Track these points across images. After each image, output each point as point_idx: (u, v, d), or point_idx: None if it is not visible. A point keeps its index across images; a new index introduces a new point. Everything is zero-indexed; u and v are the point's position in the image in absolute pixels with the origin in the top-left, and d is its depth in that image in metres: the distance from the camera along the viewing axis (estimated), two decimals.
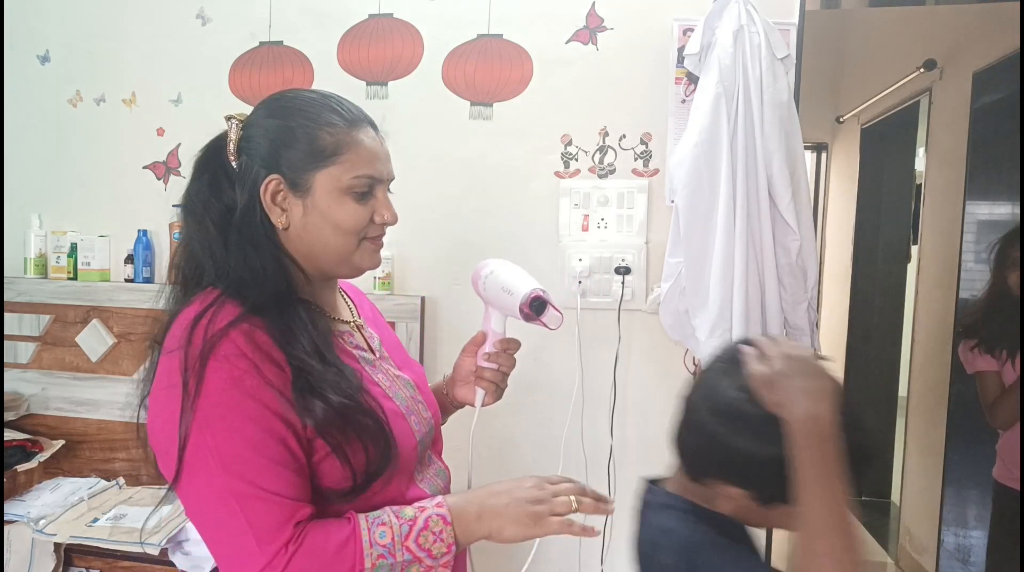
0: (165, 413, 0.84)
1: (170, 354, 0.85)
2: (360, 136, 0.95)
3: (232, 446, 0.81)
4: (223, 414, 0.82)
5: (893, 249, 4.11)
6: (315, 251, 0.96)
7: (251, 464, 0.81)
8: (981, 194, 2.80)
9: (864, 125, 4.05)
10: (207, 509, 0.84)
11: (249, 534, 0.80)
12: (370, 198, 0.96)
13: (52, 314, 2.17)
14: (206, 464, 0.82)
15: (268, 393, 0.83)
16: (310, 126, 0.93)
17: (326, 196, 0.93)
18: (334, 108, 0.96)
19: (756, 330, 1.68)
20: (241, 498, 0.81)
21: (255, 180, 0.93)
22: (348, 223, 0.94)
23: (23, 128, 2.28)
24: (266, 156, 0.93)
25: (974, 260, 2.82)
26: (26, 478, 2.02)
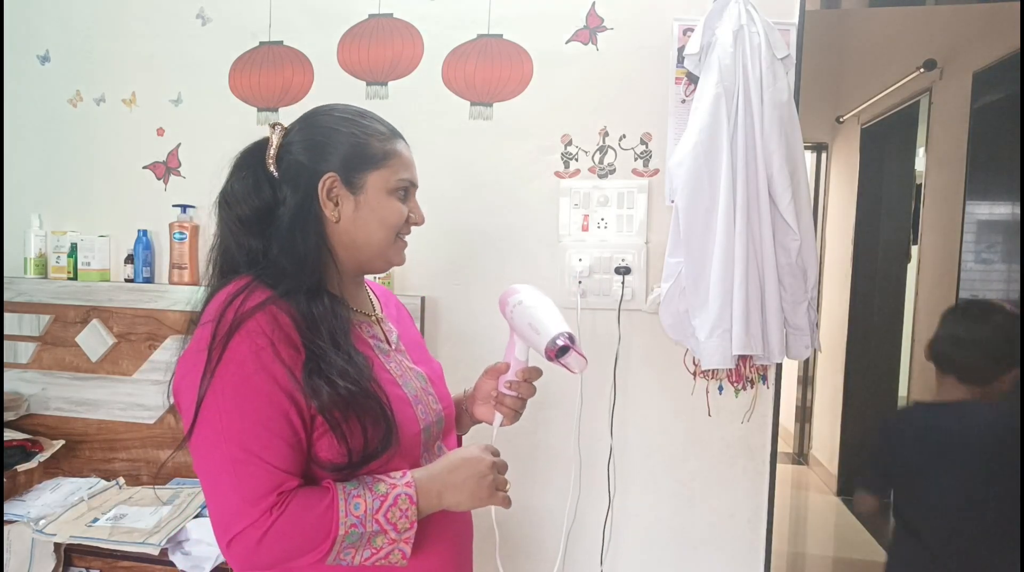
0: (190, 375, 0.95)
1: (204, 326, 0.96)
2: (401, 146, 1.12)
3: (238, 413, 0.91)
4: (236, 384, 0.92)
5: (893, 249, 4.12)
6: (359, 243, 1.08)
7: (251, 432, 0.91)
8: (981, 194, 2.80)
9: (864, 125, 4.05)
10: (208, 466, 0.93)
11: (238, 495, 0.90)
12: (407, 200, 1.12)
13: (52, 314, 2.17)
14: (214, 425, 0.92)
15: (280, 369, 0.93)
16: (361, 134, 1.08)
17: (377, 194, 1.08)
18: (377, 119, 1.12)
19: (756, 330, 1.68)
20: (237, 462, 0.91)
21: (311, 177, 1.05)
22: (392, 219, 1.09)
23: (23, 128, 2.28)
24: (320, 158, 1.06)
25: (974, 260, 2.82)
26: (26, 478, 2.02)
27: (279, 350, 0.93)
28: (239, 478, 0.90)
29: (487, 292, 1.98)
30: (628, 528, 1.96)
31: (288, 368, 0.93)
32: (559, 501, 1.96)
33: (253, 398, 0.92)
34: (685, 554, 1.94)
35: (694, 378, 1.89)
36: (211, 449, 0.92)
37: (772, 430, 1.89)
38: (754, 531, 1.91)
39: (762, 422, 1.89)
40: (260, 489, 0.91)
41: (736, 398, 1.89)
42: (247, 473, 0.90)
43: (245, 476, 0.90)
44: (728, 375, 1.86)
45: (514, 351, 1.18)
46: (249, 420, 0.91)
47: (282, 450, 0.92)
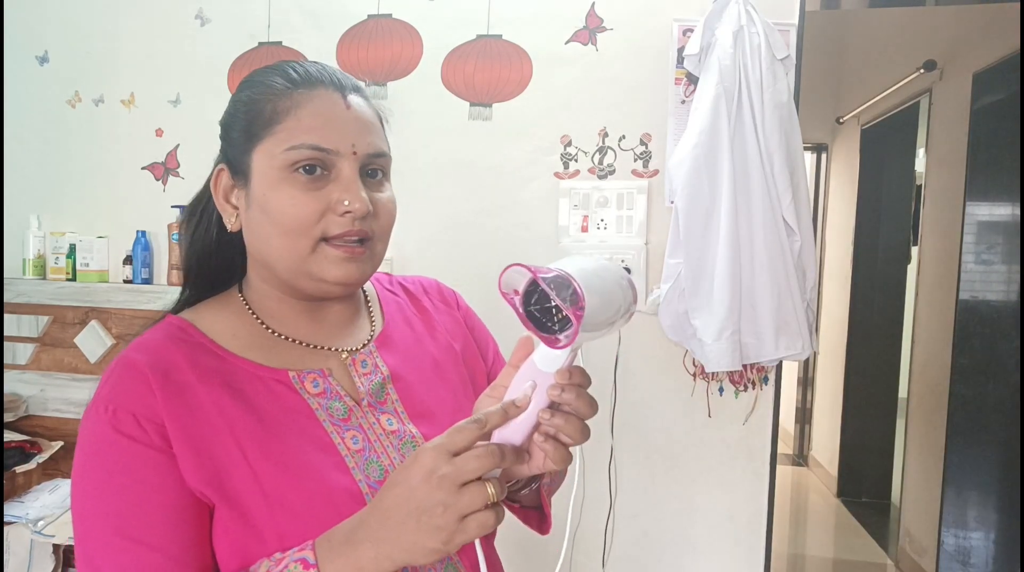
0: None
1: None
2: (306, 97, 0.72)
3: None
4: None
5: (893, 250, 4.12)
6: (261, 254, 0.75)
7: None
8: (981, 195, 2.79)
9: (864, 126, 4.05)
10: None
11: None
12: (324, 181, 0.71)
13: (51, 315, 2.17)
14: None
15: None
16: (251, 96, 0.75)
17: (261, 180, 0.72)
18: (283, 70, 0.75)
19: (757, 331, 1.68)
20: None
21: (210, 175, 0.79)
22: (285, 214, 0.70)
23: (22, 129, 2.27)
24: (221, 145, 0.79)
25: (974, 261, 2.81)
26: (25, 479, 2.02)
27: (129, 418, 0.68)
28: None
29: (486, 293, 1.97)
30: (628, 529, 1.95)
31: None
32: (561, 502, 1.96)
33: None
34: (685, 555, 1.94)
35: (694, 379, 1.89)
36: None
37: (772, 431, 1.88)
38: (754, 532, 1.90)
39: (762, 423, 1.88)
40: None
41: (736, 399, 1.89)
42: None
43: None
44: (729, 376, 1.86)
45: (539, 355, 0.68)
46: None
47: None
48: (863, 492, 4.23)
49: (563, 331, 0.61)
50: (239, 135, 0.75)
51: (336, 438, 0.73)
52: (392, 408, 0.78)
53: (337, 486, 0.70)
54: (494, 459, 0.59)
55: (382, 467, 0.74)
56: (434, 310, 0.91)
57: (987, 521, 2.80)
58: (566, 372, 0.63)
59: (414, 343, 0.85)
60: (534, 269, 0.61)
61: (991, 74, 2.74)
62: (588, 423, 0.64)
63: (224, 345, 0.74)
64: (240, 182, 0.75)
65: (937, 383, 3.07)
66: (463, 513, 0.58)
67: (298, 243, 0.71)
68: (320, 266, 0.72)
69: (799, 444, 5.02)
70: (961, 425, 2.86)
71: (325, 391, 0.75)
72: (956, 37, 3.06)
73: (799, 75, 1.81)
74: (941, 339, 3.04)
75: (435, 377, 0.84)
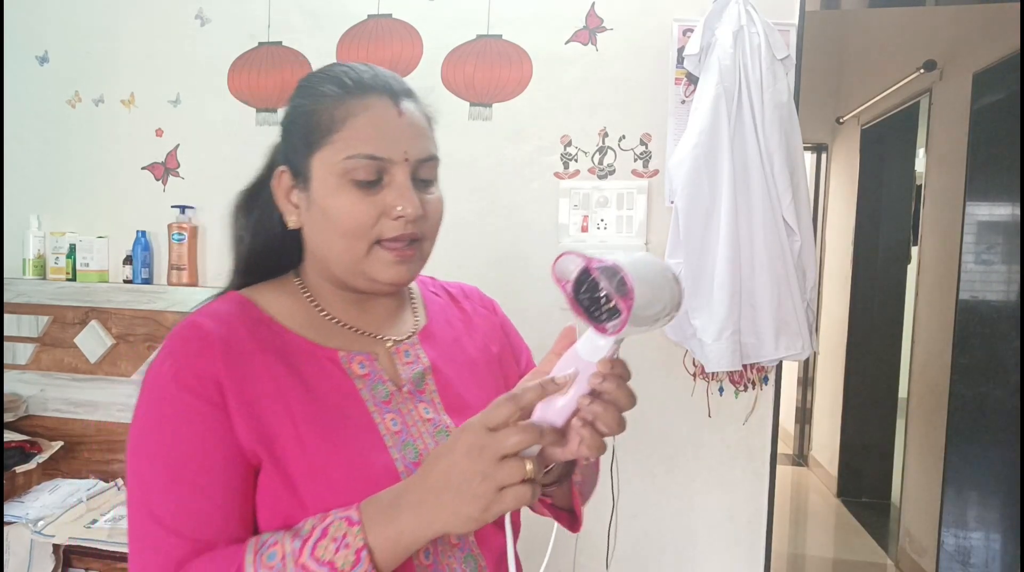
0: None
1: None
2: (360, 106, 0.76)
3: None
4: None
5: (893, 250, 4.12)
6: (321, 254, 0.80)
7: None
8: (981, 195, 2.79)
9: (864, 126, 4.05)
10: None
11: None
12: (379, 186, 0.76)
13: (51, 315, 2.17)
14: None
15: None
16: (310, 103, 0.78)
17: (322, 186, 0.76)
18: (336, 76, 0.79)
19: (757, 331, 1.68)
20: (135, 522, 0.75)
21: (270, 176, 0.83)
22: (345, 220, 0.75)
23: (22, 129, 2.27)
24: (279, 147, 0.83)
25: (974, 261, 2.81)
26: (25, 479, 2.02)
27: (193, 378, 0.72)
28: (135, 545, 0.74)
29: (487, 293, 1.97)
30: (628, 529, 1.95)
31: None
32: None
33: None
34: (685, 555, 1.94)
35: (694, 379, 1.89)
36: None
37: (772, 431, 1.88)
38: (754, 532, 1.90)
39: (762, 423, 1.88)
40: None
41: (736, 399, 1.89)
42: (146, 537, 0.73)
43: (143, 541, 0.74)
44: (729, 376, 1.86)
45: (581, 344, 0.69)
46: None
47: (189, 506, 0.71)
48: (863, 492, 4.23)
49: (611, 321, 0.63)
50: (299, 142, 0.79)
51: (377, 418, 0.78)
52: (430, 398, 0.83)
53: (376, 462, 0.74)
54: (532, 435, 0.62)
55: (417, 450, 0.78)
56: (474, 313, 0.97)
57: (987, 521, 2.80)
58: (608, 362, 0.66)
59: (453, 341, 0.90)
60: (587, 258, 0.63)
61: (991, 74, 2.74)
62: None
63: (282, 322, 0.80)
64: (300, 184, 0.79)
65: (937, 383, 3.07)
66: (501, 484, 0.61)
67: (355, 245, 0.76)
68: (374, 268, 0.77)
69: (799, 444, 5.02)
70: (961, 425, 2.86)
71: (370, 373, 0.80)
72: (956, 37, 3.06)
73: (799, 75, 1.81)
74: (941, 339, 3.04)
75: (471, 375, 0.88)
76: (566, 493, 0.85)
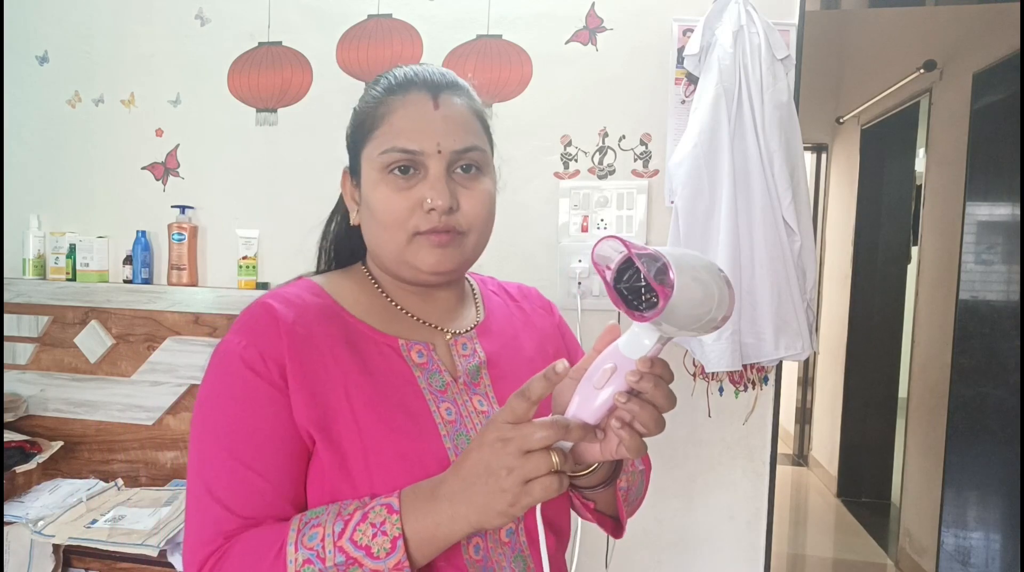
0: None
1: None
2: (399, 102, 0.80)
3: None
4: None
5: (893, 250, 4.12)
6: (374, 249, 0.84)
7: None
8: (981, 195, 2.80)
9: (864, 126, 4.05)
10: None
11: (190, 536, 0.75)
12: (415, 180, 0.79)
13: (51, 315, 2.17)
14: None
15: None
16: (359, 107, 0.85)
17: (367, 181, 0.81)
18: (385, 78, 0.85)
19: (757, 331, 1.68)
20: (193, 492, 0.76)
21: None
22: (384, 213, 0.79)
23: (22, 129, 2.27)
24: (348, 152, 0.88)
25: (974, 261, 2.81)
26: (24, 479, 2.02)
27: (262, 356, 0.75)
28: (192, 512, 0.75)
29: None
30: (628, 529, 1.95)
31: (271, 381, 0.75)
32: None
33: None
34: (685, 555, 1.94)
35: (694, 379, 1.89)
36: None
37: (772, 431, 1.88)
38: (754, 532, 1.90)
39: (762, 423, 1.88)
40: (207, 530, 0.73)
41: (736, 399, 1.89)
42: (200, 508, 0.74)
43: (197, 511, 0.74)
44: (729, 376, 1.86)
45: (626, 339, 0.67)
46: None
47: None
48: (863, 492, 4.23)
49: (650, 309, 0.61)
50: (351, 142, 0.85)
51: (432, 406, 0.79)
52: (484, 391, 0.85)
53: (428, 448, 0.76)
54: (556, 431, 0.63)
55: (470, 440, 0.78)
56: (532, 313, 0.99)
57: (987, 521, 2.80)
58: (648, 361, 0.65)
59: (511, 338, 0.92)
60: (629, 244, 0.62)
61: (991, 74, 2.74)
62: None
63: (347, 308, 0.82)
64: (356, 182, 0.84)
65: (937, 383, 3.07)
66: (527, 477, 0.62)
67: (396, 236, 0.79)
68: (415, 255, 0.79)
69: (799, 444, 5.02)
70: (961, 425, 2.86)
71: (428, 362, 0.82)
72: (956, 37, 3.06)
73: (799, 75, 1.81)
74: (941, 339, 3.04)
75: (527, 371, 0.86)
76: (611, 498, 0.85)
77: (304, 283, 0.84)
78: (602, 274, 0.64)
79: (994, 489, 2.74)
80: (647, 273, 0.60)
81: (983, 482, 2.80)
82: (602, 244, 0.63)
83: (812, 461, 4.82)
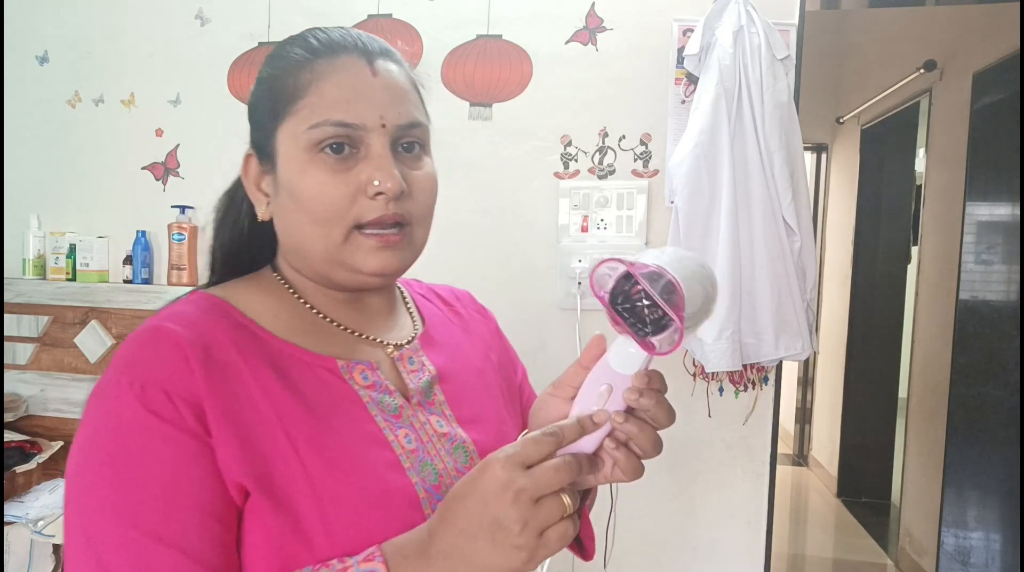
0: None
1: None
2: (328, 67, 0.66)
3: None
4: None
5: (893, 250, 4.12)
6: (298, 249, 0.68)
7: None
8: (981, 195, 2.79)
9: (864, 126, 4.05)
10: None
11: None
12: (353, 160, 0.65)
13: (51, 315, 2.17)
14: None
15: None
16: (272, 72, 0.68)
17: (288, 163, 0.65)
18: (304, 39, 0.70)
19: (756, 331, 1.68)
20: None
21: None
22: (315, 202, 0.64)
23: (22, 129, 2.27)
24: (250, 130, 0.71)
25: (974, 261, 2.81)
26: (25, 479, 2.02)
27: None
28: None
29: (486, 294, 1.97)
30: (627, 530, 1.95)
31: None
32: None
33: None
34: (685, 556, 1.94)
35: (694, 379, 1.89)
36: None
37: (772, 431, 1.88)
38: (754, 532, 1.90)
39: (762, 423, 1.88)
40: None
41: (736, 399, 1.89)
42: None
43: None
44: (729, 376, 1.86)
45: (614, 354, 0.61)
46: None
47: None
48: (863, 492, 4.23)
49: (657, 333, 0.55)
50: (262, 116, 0.68)
51: (390, 435, 0.66)
52: (439, 410, 0.73)
53: (393, 486, 0.63)
54: (572, 472, 0.54)
55: (436, 471, 0.68)
56: (470, 319, 0.88)
57: (987, 521, 2.80)
58: (644, 375, 0.57)
59: (456, 348, 0.80)
60: (629, 263, 0.54)
61: (991, 74, 2.74)
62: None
63: (266, 326, 0.67)
64: (268, 167, 0.68)
65: (937, 383, 3.07)
66: (542, 528, 0.53)
67: (331, 232, 0.64)
68: (355, 256, 0.65)
69: (799, 444, 5.02)
70: (961, 425, 2.86)
71: (375, 384, 0.68)
72: (956, 37, 3.06)
73: (799, 75, 1.81)
74: (941, 339, 3.04)
75: (479, 383, 0.79)
76: (580, 523, 0.75)
77: (201, 298, 0.67)
78: (604, 302, 0.57)
79: (994, 489, 2.74)
80: (657, 296, 0.53)
81: (983, 482, 2.80)
82: (601, 268, 0.56)
83: (812, 461, 4.82)
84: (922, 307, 3.39)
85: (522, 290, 1.93)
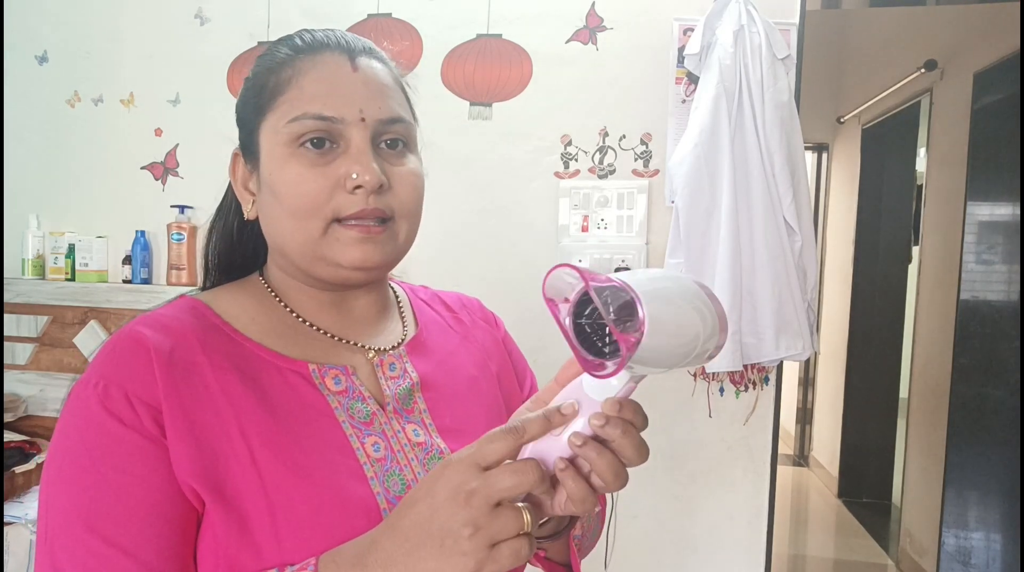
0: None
1: None
2: (309, 63, 0.66)
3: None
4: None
5: (894, 250, 4.12)
6: (279, 244, 0.68)
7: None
8: (982, 195, 2.79)
9: (865, 125, 4.05)
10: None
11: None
12: (333, 154, 0.65)
13: (50, 315, 2.17)
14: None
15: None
16: (256, 71, 0.69)
17: (269, 159, 0.66)
18: (289, 39, 0.69)
19: (757, 331, 1.68)
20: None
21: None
22: (292, 195, 0.64)
23: (21, 129, 2.27)
24: (238, 129, 0.72)
25: (975, 261, 2.81)
26: (24, 480, 2.02)
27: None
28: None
29: (486, 295, 1.97)
30: (628, 530, 1.95)
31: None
32: None
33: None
34: (685, 556, 1.94)
35: (694, 379, 1.89)
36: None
37: (773, 432, 1.88)
38: (754, 533, 1.90)
39: (763, 424, 1.88)
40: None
41: (737, 400, 1.88)
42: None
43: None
44: (730, 376, 1.86)
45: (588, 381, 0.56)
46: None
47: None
48: (864, 492, 4.23)
49: (616, 356, 0.49)
50: (247, 114, 0.69)
51: (355, 442, 0.65)
52: (419, 418, 0.70)
53: (352, 496, 0.61)
54: (532, 476, 0.49)
55: (404, 481, 0.65)
56: (473, 326, 0.85)
57: (988, 521, 2.80)
58: (616, 403, 0.52)
59: (448, 355, 0.78)
60: (588, 274, 0.49)
61: (991, 74, 2.73)
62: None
63: (241, 329, 0.67)
64: (253, 166, 0.69)
65: (937, 383, 3.07)
66: (495, 539, 0.49)
67: (308, 225, 0.64)
68: (333, 249, 0.65)
69: (800, 444, 5.01)
70: (961, 425, 2.85)
71: (347, 390, 0.67)
72: (956, 37, 3.05)
73: (800, 75, 1.81)
74: (941, 339, 3.04)
75: (468, 393, 0.76)
76: (563, 547, 0.70)
77: (184, 302, 0.68)
78: (554, 311, 0.52)
79: (995, 489, 2.74)
80: (606, 315, 0.48)
81: (984, 482, 2.80)
82: (555, 274, 0.51)
83: (813, 461, 4.82)
84: (923, 307, 3.38)
85: (522, 290, 1.93)
